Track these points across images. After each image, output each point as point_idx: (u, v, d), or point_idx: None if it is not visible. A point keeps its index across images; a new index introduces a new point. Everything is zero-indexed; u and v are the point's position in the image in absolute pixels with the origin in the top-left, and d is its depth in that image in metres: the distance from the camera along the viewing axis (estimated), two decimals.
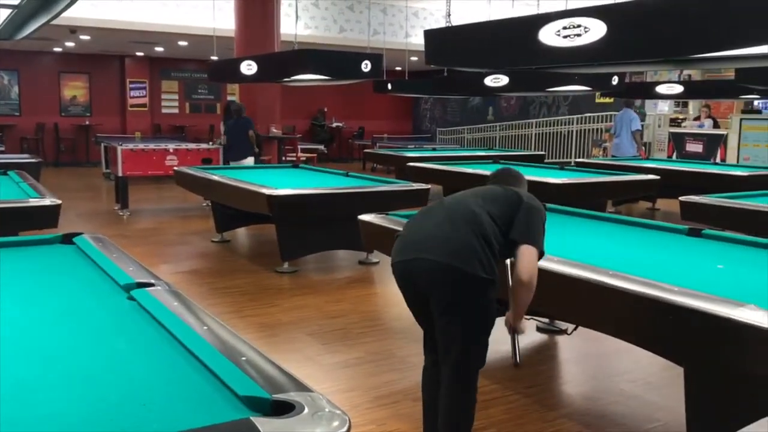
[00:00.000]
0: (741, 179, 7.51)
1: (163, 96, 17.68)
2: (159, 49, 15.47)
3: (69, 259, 3.08)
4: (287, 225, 5.95)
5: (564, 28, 2.94)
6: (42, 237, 3.45)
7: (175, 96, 17.86)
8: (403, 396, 3.45)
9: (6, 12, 4.79)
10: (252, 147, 9.43)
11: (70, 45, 14.86)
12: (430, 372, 2.79)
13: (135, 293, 2.38)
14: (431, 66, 4.20)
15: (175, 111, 17.86)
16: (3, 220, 4.38)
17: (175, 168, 8.20)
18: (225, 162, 9.45)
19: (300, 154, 14.02)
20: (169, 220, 9.00)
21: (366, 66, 6.48)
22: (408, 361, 3.89)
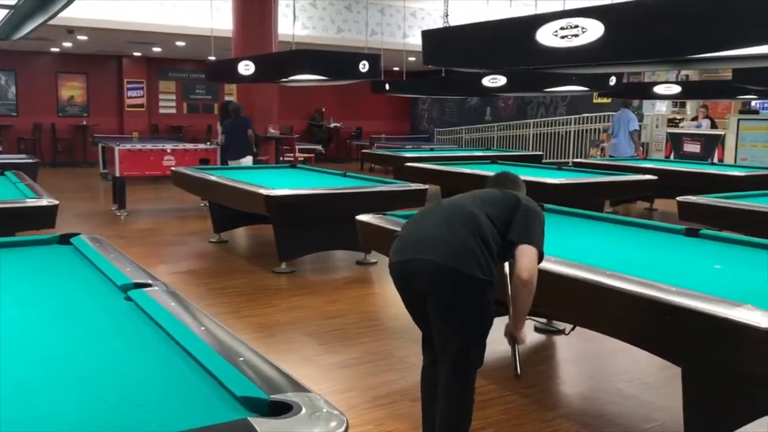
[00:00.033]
0: (738, 179, 7.53)
1: (161, 96, 17.67)
2: (156, 50, 15.46)
3: (66, 260, 3.08)
4: (285, 225, 5.95)
5: (562, 28, 2.94)
6: (39, 237, 3.44)
7: (173, 96, 17.84)
8: (401, 396, 3.45)
9: (3, 12, 4.79)
10: (251, 146, 9.40)
11: (67, 45, 14.85)
12: (428, 372, 2.79)
13: (132, 294, 2.38)
14: (429, 66, 4.19)
15: (173, 111, 17.85)
16: (0, 220, 4.37)
17: (173, 168, 8.20)
18: (223, 161, 9.44)
19: (298, 154, 14.00)
20: (167, 220, 8.99)
21: (364, 66, 6.47)
22: (406, 362, 3.89)
